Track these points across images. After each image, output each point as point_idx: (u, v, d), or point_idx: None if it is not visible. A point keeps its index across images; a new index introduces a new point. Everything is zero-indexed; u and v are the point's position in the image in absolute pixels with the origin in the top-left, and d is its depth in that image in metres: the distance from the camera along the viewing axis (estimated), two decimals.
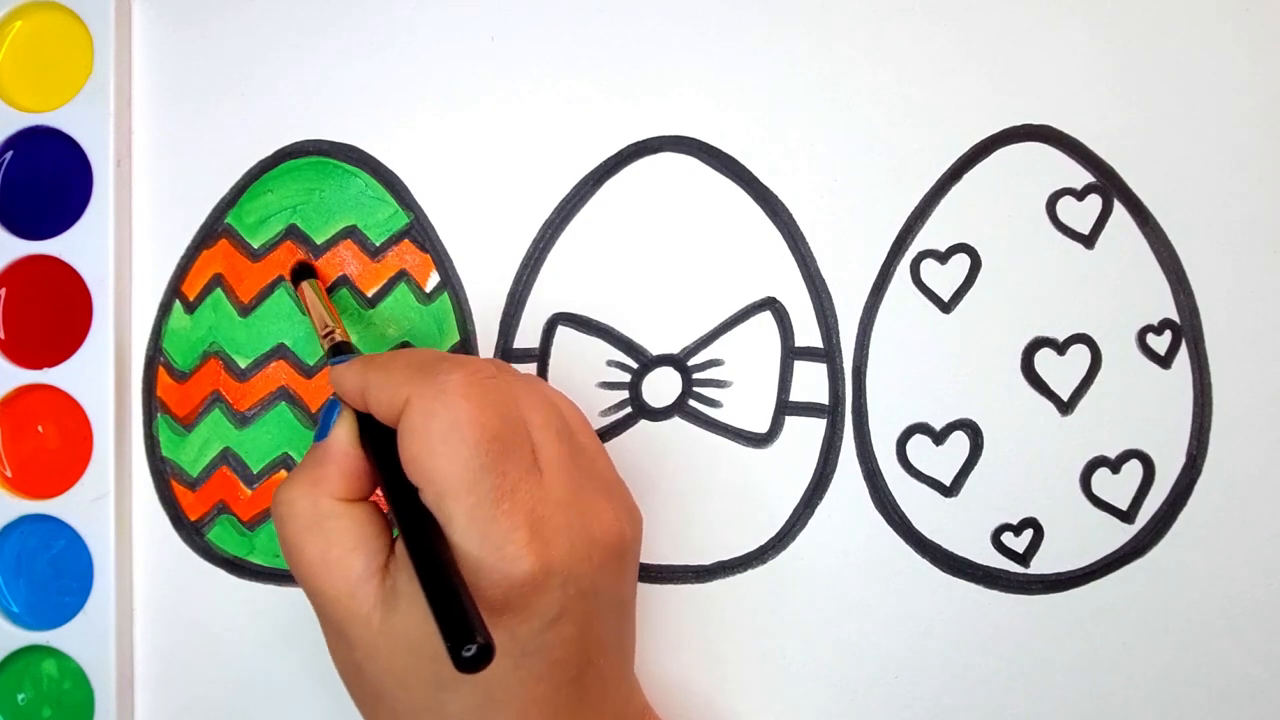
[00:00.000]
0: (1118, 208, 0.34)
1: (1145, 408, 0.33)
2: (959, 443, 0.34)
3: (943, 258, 0.34)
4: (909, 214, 0.35)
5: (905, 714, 0.34)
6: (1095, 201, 0.34)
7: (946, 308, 0.34)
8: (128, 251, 0.38)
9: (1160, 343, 0.33)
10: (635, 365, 0.35)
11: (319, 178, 0.37)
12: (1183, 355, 0.33)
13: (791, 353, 0.35)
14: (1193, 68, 0.33)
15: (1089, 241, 0.34)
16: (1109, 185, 0.34)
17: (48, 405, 0.38)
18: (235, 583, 0.37)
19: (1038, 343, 0.34)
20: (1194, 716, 0.33)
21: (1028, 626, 0.34)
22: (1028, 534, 0.34)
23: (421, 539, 0.25)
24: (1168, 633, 0.33)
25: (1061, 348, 0.34)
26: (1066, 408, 0.34)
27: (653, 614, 0.35)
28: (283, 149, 0.37)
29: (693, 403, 0.35)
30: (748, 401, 0.35)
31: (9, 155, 0.38)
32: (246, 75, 0.38)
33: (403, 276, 0.37)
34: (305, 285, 0.35)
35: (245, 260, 0.37)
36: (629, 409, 0.36)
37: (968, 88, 0.34)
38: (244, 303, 0.37)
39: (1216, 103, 0.33)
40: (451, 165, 0.36)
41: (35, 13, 0.38)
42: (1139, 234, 0.34)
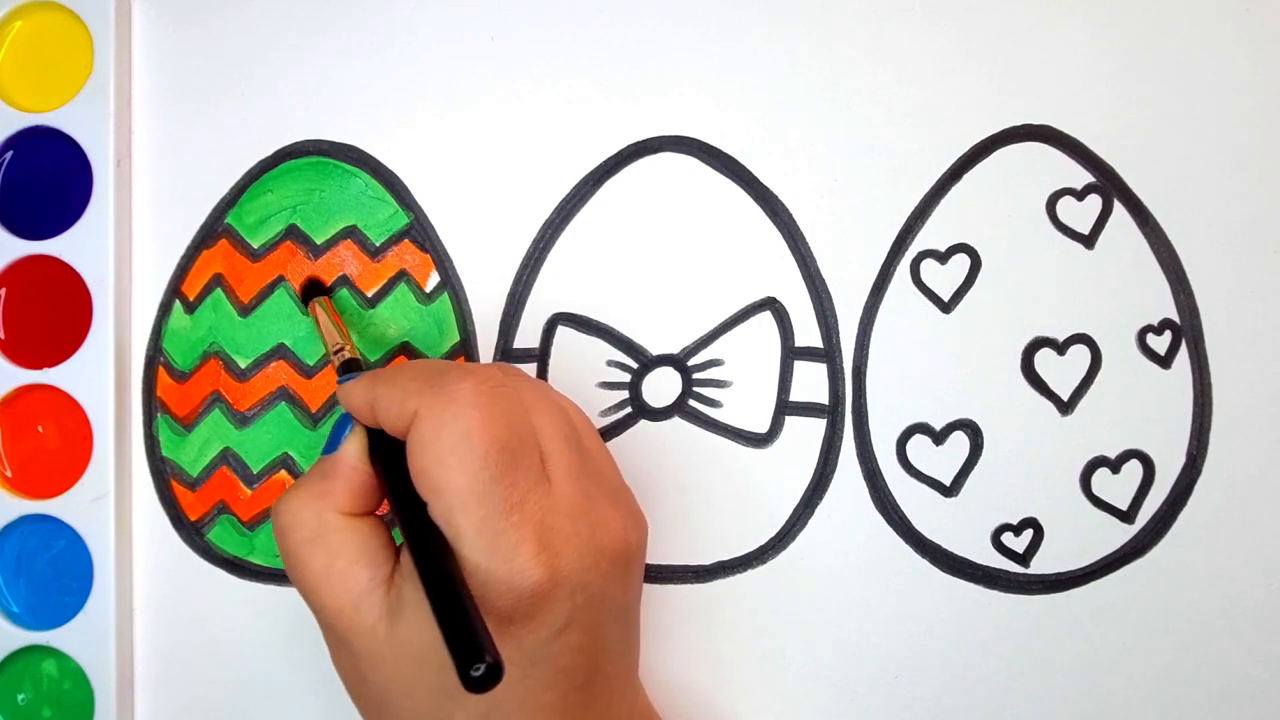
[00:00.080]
0: (1118, 208, 0.34)
1: (1145, 408, 0.33)
2: (959, 443, 0.34)
3: (943, 258, 0.34)
4: (909, 214, 0.35)
5: (905, 714, 0.34)
6: (1095, 201, 0.34)
7: (946, 308, 0.34)
8: (128, 251, 0.38)
9: (1160, 343, 0.33)
10: (635, 365, 0.35)
11: (319, 178, 0.37)
12: (1183, 355, 0.33)
13: (791, 353, 0.35)
14: (1193, 68, 0.33)
15: (1089, 241, 0.34)
16: (1109, 185, 0.34)
17: (48, 405, 0.38)
18: (235, 583, 0.37)
19: (1038, 343, 0.34)
20: (1194, 716, 0.33)
21: (1028, 626, 0.34)
22: (1028, 534, 0.34)
23: (430, 556, 0.25)
24: (1168, 633, 0.33)
25: (1061, 348, 0.34)
26: (1066, 408, 0.34)
27: (653, 614, 0.35)
28: (283, 149, 0.37)
29: (693, 403, 0.35)
30: (748, 401, 0.35)
31: (9, 155, 0.38)
32: (246, 75, 0.38)
33: (403, 276, 0.37)
34: (316, 304, 0.35)
35: (245, 260, 0.37)
36: (629, 409, 0.36)
37: (968, 88, 0.34)
38: (244, 303, 0.37)
39: (1216, 103, 0.33)
40: (451, 165, 0.36)
41: (35, 13, 0.38)
42: (1139, 234, 0.34)
